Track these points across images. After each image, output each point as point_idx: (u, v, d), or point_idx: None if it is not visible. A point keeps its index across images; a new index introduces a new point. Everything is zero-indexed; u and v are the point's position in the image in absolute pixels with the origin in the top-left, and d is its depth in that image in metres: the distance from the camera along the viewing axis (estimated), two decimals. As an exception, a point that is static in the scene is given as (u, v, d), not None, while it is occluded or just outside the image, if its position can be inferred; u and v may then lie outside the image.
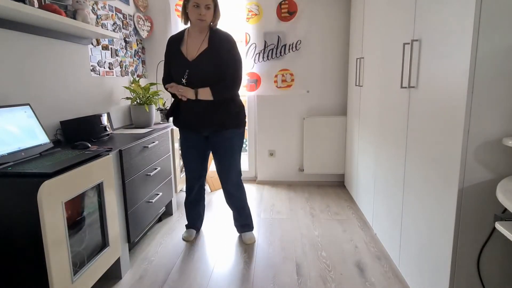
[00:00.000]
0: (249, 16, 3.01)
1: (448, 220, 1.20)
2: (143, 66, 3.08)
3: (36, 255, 1.17)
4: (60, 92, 1.91)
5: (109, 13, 2.43)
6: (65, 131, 1.86)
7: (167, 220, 2.47)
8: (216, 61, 1.80)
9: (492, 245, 1.15)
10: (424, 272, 1.39)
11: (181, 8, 1.83)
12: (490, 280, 1.18)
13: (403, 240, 1.61)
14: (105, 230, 1.55)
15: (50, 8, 1.61)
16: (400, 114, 1.65)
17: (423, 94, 1.40)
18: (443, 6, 1.23)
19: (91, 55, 2.22)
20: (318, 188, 3.14)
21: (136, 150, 1.86)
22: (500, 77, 1.05)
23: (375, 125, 2.09)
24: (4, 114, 1.38)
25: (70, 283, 1.28)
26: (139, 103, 2.51)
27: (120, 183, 1.71)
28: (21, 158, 1.36)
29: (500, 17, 1.02)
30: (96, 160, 1.46)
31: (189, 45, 1.85)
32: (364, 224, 2.32)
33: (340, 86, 3.11)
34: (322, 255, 1.94)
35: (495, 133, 1.09)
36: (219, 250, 2.03)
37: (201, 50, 1.82)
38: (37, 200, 1.12)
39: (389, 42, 1.80)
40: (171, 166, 2.47)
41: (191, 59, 1.82)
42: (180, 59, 1.84)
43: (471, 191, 1.13)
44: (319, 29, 3.01)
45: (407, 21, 1.56)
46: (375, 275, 1.73)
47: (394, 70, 1.72)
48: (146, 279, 1.73)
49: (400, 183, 1.65)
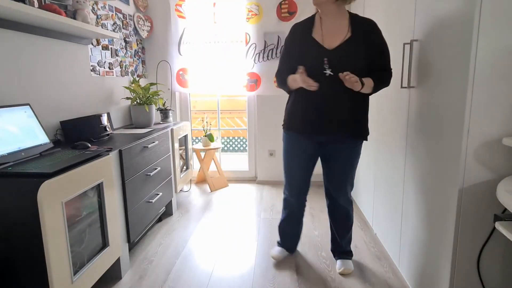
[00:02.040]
0: (249, 16, 3.01)
1: (448, 220, 1.20)
2: (143, 66, 3.08)
3: (36, 255, 1.17)
4: (60, 92, 1.91)
5: (109, 13, 2.43)
6: (65, 131, 1.86)
7: (167, 220, 2.47)
8: (364, 51, 1.51)
9: (492, 245, 1.15)
10: (424, 272, 1.39)
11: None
12: (490, 280, 1.18)
13: (403, 240, 1.61)
14: (105, 230, 1.55)
15: (50, 8, 1.61)
16: (400, 114, 1.65)
17: (423, 94, 1.40)
18: (443, 6, 1.23)
19: (91, 55, 2.22)
20: (318, 188, 3.14)
21: (136, 150, 1.86)
22: (500, 77, 1.05)
23: (375, 125, 2.09)
24: (4, 114, 1.38)
25: (70, 283, 1.28)
26: (139, 103, 2.51)
27: (120, 183, 1.71)
28: (21, 158, 1.36)
29: (500, 17, 1.02)
30: (96, 160, 1.46)
31: (324, 32, 1.56)
32: (364, 224, 2.32)
33: (340, 86, 3.11)
34: (322, 255, 1.94)
35: (495, 133, 1.09)
36: (219, 250, 2.03)
37: (345, 38, 1.52)
38: (37, 200, 1.12)
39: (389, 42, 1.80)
40: (171, 166, 2.47)
41: (330, 48, 1.52)
42: (314, 48, 1.55)
43: (471, 191, 1.12)
44: (319, 29, 3.00)
45: (407, 21, 1.56)
46: (375, 275, 1.73)
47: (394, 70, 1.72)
48: (146, 279, 1.73)
49: (400, 183, 1.65)
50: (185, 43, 3.10)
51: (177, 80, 3.17)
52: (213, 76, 3.15)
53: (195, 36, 3.09)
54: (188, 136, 3.00)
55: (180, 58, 3.12)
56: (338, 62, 1.50)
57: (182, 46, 3.11)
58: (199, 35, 3.08)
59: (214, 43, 3.09)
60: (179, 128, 2.68)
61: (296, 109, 1.66)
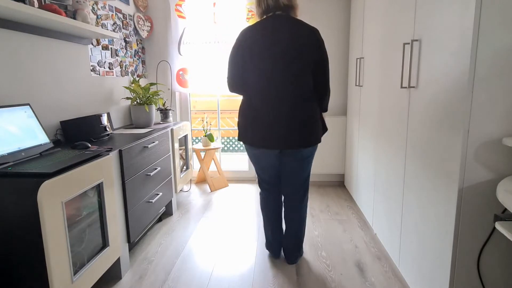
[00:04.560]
0: (249, 16, 3.00)
1: (448, 220, 1.20)
2: (143, 66, 3.08)
3: (36, 255, 1.17)
4: (60, 92, 1.91)
5: (109, 13, 2.43)
6: (65, 131, 1.86)
7: (167, 220, 2.47)
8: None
9: (492, 245, 1.15)
10: (424, 272, 1.39)
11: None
12: (490, 280, 1.18)
13: (403, 240, 1.61)
14: (105, 230, 1.55)
15: (50, 8, 1.61)
16: (400, 114, 1.65)
17: (423, 94, 1.40)
18: (443, 6, 1.23)
19: (91, 55, 2.22)
20: (318, 188, 3.14)
21: (136, 150, 1.86)
22: (500, 77, 1.05)
23: (375, 125, 2.09)
24: (4, 114, 1.38)
25: (70, 283, 1.28)
26: (139, 103, 2.51)
27: (120, 183, 1.71)
28: (21, 158, 1.36)
29: (500, 17, 1.02)
30: (96, 160, 1.46)
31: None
32: (364, 224, 2.32)
33: (340, 86, 3.11)
34: (322, 255, 1.94)
35: (495, 133, 1.09)
36: (219, 250, 2.03)
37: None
38: (37, 200, 1.12)
39: (389, 42, 1.80)
40: (171, 166, 2.47)
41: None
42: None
43: (471, 191, 1.12)
44: (319, 29, 3.00)
45: (407, 21, 1.56)
46: (375, 275, 1.73)
47: (394, 70, 1.72)
48: (146, 279, 1.73)
49: (400, 183, 1.65)
50: (185, 43, 3.10)
51: (177, 80, 3.17)
52: (213, 76, 3.14)
53: (195, 36, 3.09)
54: (188, 136, 3.00)
55: (180, 58, 3.12)
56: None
57: (182, 46, 3.11)
58: (199, 35, 3.08)
59: (214, 43, 3.09)
60: (179, 128, 2.68)
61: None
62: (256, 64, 1.56)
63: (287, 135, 1.56)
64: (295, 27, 1.54)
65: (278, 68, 1.53)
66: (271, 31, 1.54)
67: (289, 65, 1.52)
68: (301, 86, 1.55)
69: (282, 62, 1.52)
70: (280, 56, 1.52)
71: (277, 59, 1.52)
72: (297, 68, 1.53)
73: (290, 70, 1.53)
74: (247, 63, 1.58)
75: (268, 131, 1.57)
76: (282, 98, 1.54)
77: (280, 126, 1.56)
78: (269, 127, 1.57)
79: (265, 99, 1.56)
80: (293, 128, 1.56)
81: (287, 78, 1.53)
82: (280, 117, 1.55)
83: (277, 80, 1.53)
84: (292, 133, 1.56)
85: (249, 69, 1.59)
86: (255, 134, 1.61)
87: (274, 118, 1.55)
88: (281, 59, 1.52)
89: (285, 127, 1.55)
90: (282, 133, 1.56)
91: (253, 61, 1.56)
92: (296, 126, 1.56)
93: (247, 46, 1.57)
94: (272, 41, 1.53)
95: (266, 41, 1.53)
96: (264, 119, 1.57)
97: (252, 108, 1.61)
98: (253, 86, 1.59)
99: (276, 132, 1.56)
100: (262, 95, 1.57)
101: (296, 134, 1.56)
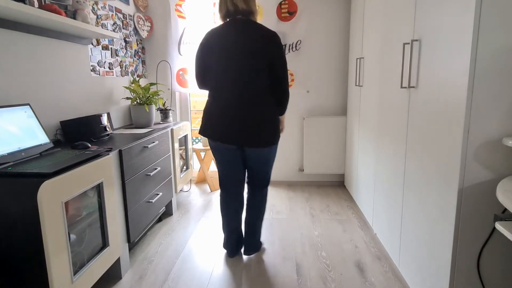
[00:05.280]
0: (249, 16, 3.00)
1: (448, 220, 1.20)
2: (143, 66, 3.08)
3: (36, 255, 1.17)
4: (60, 92, 1.91)
5: (109, 13, 2.43)
6: (65, 131, 1.86)
7: (167, 220, 2.47)
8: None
9: (492, 245, 1.15)
10: (424, 272, 1.39)
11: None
12: (490, 280, 1.18)
13: (403, 240, 1.61)
14: (105, 230, 1.55)
15: (50, 8, 1.61)
16: (400, 114, 1.65)
17: (423, 94, 1.40)
18: (443, 6, 1.23)
19: (91, 55, 2.22)
20: (318, 188, 3.14)
21: (136, 150, 1.86)
22: (500, 77, 1.05)
23: (375, 125, 2.09)
24: (4, 114, 1.38)
25: (70, 283, 1.28)
26: (139, 103, 2.51)
27: (120, 183, 1.71)
28: (21, 158, 1.36)
29: (500, 17, 1.02)
30: (96, 160, 1.46)
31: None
32: (364, 224, 2.32)
33: (340, 86, 3.11)
34: (322, 255, 1.94)
35: (495, 133, 1.09)
36: (219, 250, 2.03)
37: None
38: (37, 200, 1.12)
39: (389, 42, 1.80)
40: (171, 166, 2.47)
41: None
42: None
43: (471, 191, 1.12)
44: (319, 29, 3.01)
45: (407, 21, 1.56)
46: (375, 275, 1.73)
47: (394, 70, 1.72)
48: (146, 279, 1.73)
49: (400, 183, 1.65)
50: (185, 43, 3.10)
51: (177, 80, 3.17)
52: (213, 76, 3.14)
53: (195, 36, 3.09)
54: (188, 136, 3.00)
55: (180, 58, 3.12)
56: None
57: (182, 46, 3.11)
58: (199, 35, 3.08)
59: (214, 43, 3.09)
60: (179, 128, 2.68)
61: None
62: (215, 63, 1.65)
63: (239, 133, 1.65)
64: (253, 30, 1.64)
65: (234, 68, 1.62)
66: (230, 33, 1.64)
67: (244, 66, 1.61)
68: (255, 87, 1.63)
69: (238, 62, 1.61)
70: (236, 56, 1.61)
71: (234, 59, 1.61)
72: (251, 69, 1.61)
73: (245, 70, 1.61)
74: (209, 62, 1.68)
75: (224, 127, 1.66)
76: (237, 96, 1.63)
77: (234, 123, 1.64)
78: (225, 123, 1.66)
79: (223, 96, 1.65)
80: (244, 127, 1.64)
81: (242, 78, 1.62)
82: (234, 115, 1.64)
83: (233, 79, 1.63)
84: (243, 132, 1.64)
85: (211, 67, 1.68)
86: (214, 130, 1.70)
87: (230, 115, 1.65)
88: (237, 60, 1.61)
89: (238, 125, 1.64)
90: (235, 130, 1.65)
91: (213, 60, 1.66)
92: (247, 125, 1.64)
93: (208, 46, 1.67)
94: (230, 42, 1.62)
95: (225, 42, 1.63)
96: (221, 115, 1.66)
97: (212, 105, 1.70)
98: (214, 84, 1.69)
99: (230, 129, 1.65)
100: (221, 92, 1.67)
101: (245, 133, 1.64)
